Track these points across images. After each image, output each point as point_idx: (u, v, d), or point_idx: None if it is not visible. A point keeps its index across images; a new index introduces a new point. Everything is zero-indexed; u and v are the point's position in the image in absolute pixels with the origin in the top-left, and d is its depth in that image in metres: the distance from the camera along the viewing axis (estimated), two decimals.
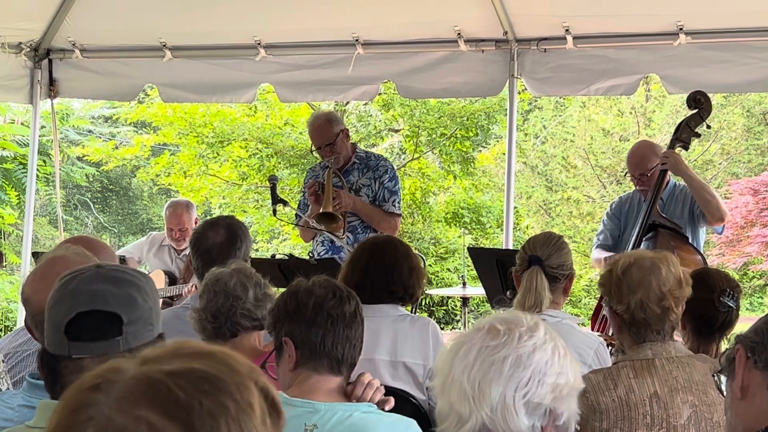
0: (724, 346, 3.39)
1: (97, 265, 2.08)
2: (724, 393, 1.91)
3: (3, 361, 3.06)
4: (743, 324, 2.81)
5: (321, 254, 5.59)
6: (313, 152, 5.81)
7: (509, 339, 1.79)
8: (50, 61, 6.80)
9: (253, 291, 3.17)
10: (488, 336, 1.81)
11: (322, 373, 2.52)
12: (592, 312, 5.35)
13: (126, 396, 1.04)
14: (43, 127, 10.40)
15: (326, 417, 2.41)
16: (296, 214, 5.76)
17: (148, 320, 2.03)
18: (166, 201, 7.05)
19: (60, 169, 9.08)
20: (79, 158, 15.11)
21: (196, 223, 6.43)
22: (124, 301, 1.98)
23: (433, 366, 2.82)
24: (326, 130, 5.59)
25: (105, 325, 1.96)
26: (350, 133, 5.85)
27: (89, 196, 21.02)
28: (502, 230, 9.80)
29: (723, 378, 1.91)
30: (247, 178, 14.48)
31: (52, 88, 6.85)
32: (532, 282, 3.57)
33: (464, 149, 14.44)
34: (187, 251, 6.45)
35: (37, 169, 9.31)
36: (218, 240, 3.94)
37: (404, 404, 3.31)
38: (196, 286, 5.50)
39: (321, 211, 5.38)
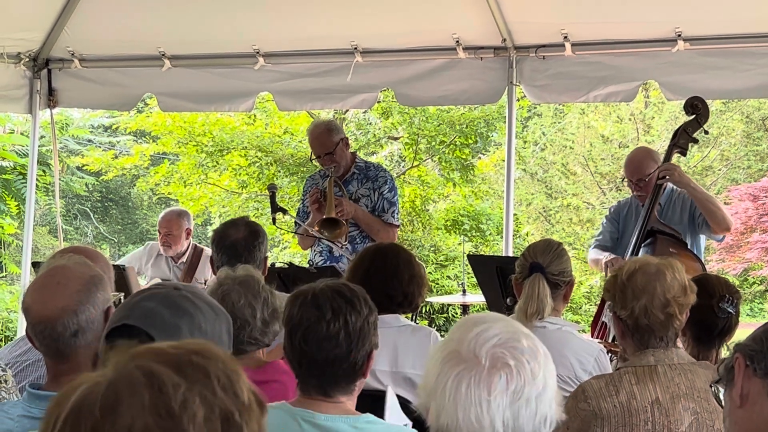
0: (724, 352, 3.39)
1: (174, 287, 2.09)
2: (723, 403, 1.91)
3: (4, 371, 3.05)
4: (743, 330, 2.81)
5: (319, 264, 5.56)
6: (313, 160, 5.80)
7: (525, 376, 1.80)
8: (49, 71, 6.80)
9: (260, 313, 3.11)
10: (503, 375, 1.80)
11: (322, 388, 2.48)
12: (592, 318, 5.34)
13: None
14: (42, 137, 10.40)
15: (326, 426, 2.40)
16: (295, 222, 5.74)
17: None
18: None
19: (59, 179, 9.06)
20: (78, 168, 15.10)
21: (188, 233, 6.49)
22: (169, 328, 1.98)
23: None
24: (326, 139, 5.58)
25: (138, 343, 1.95)
26: (349, 142, 5.84)
27: (89, 205, 21.03)
28: (501, 237, 9.79)
29: (721, 388, 1.90)
30: (246, 187, 14.47)
31: (52, 98, 6.85)
32: (534, 289, 3.58)
33: (463, 157, 14.43)
34: (184, 259, 6.49)
35: (37, 179, 9.31)
36: (240, 236, 4.06)
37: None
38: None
39: (325, 216, 5.37)
